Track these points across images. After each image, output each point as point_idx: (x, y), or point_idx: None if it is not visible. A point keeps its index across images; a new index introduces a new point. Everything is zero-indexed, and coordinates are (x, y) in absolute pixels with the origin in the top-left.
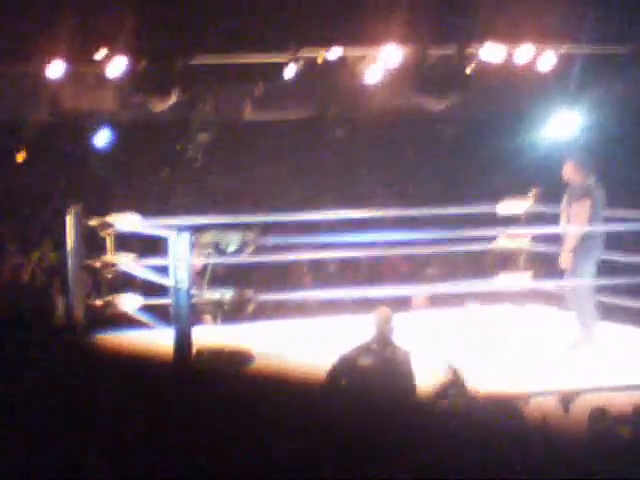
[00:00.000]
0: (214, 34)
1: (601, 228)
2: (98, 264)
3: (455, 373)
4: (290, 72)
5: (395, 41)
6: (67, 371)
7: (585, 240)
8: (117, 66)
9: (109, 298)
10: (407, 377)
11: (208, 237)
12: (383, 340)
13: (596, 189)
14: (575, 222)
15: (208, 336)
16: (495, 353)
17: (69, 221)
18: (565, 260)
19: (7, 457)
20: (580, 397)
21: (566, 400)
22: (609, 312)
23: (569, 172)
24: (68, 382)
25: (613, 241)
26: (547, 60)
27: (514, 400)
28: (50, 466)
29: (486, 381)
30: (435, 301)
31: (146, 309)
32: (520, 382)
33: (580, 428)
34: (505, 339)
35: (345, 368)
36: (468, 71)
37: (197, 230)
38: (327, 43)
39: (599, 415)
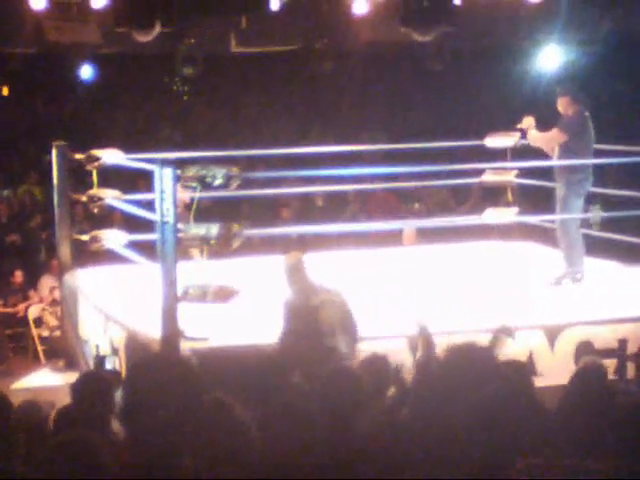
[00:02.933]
0: None
1: (590, 161)
2: (84, 198)
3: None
4: (276, 3)
5: None
6: None
7: (574, 174)
8: None
9: (94, 233)
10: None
11: (193, 171)
12: (302, 289)
13: (588, 124)
14: (544, 136)
15: (194, 272)
16: (481, 289)
17: (54, 155)
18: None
19: None
20: (565, 331)
21: (551, 334)
22: (595, 247)
23: (564, 105)
24: None
25: (601, 175)
26: None
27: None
28: None
29: (470, 317)
30: (424, 236)
31: (132, 245)
32: (505, 317)
33: (567, 362)
34: (491, 275)
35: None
36: (456, 2)
37: (182, 164)
38: None
39: (585, 349)
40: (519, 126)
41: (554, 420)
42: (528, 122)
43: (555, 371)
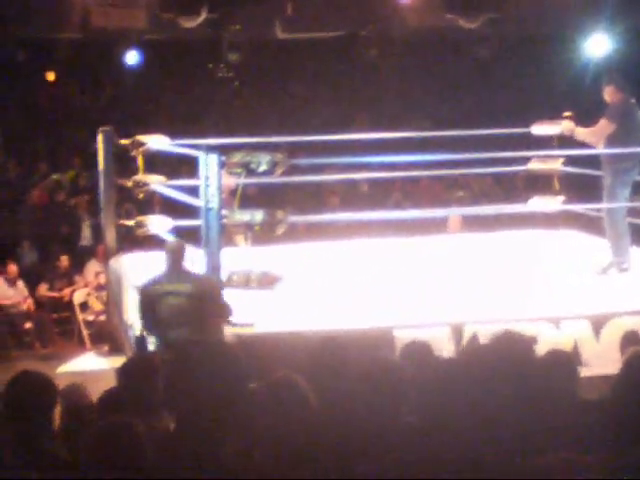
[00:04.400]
0: None
1: (637, 150)
2: (129, 183)
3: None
4: None
5: None
6: None
7: (621, 162)
8: None
9: (140, 219)
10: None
11: (238, 157)
12: (179, 276)
13: (634, 112)
14: (591, 131)
15: (238, 258)
16: (526, 277)
17: (100, 140)
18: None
19: None
20: (611, 321)
21: (597, 324)
22: None
23: (609, 94)
24: None
25: None
26: None
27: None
28: None
29: (514, 306)
30: (470, 224)
31: (176, 231)
32: (551, 307)
33: (613, 351)
34: (536, 263)
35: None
36: None
37: (227, 150)
38: None
39: (631, 339)
40: (565, 114)
41: (597, 412)
42: (567, 127)
43: (600, 361)
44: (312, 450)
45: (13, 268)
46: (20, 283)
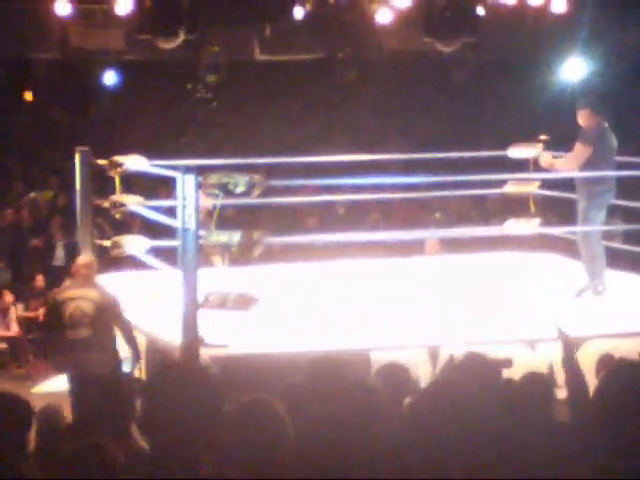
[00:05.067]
0: None
1: (611, 174)
2: (106, 204)
3: None
4: (300, 12)
5: None
6: None
7: (595, 185)
8: (125, 4)
9: (116, 239)
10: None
11: (215, 178)
12: (89, 285)
13: (608, 135)
14: (569, 158)
15: (215, 279)
16: (502, 300)
17: (77, 160)
18: (544, 159)
19: None
20: (586, 344)
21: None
22: (618, 259)
23: (585, 117)
24: None
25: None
26: (559, 3)
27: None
28: None
29: (489, 328)
30: (447, 246)
31: (153, 251)
32: (526, 329)
33: (588, 374)
34: (512, 286)
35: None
36: (479, 13)
37: (204, 171)
38: None
39: (607, 362)
40: (541, 137)
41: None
42: (546, 160)
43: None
44: (288, 472)
45: (8, 298)
46: (12, 311)
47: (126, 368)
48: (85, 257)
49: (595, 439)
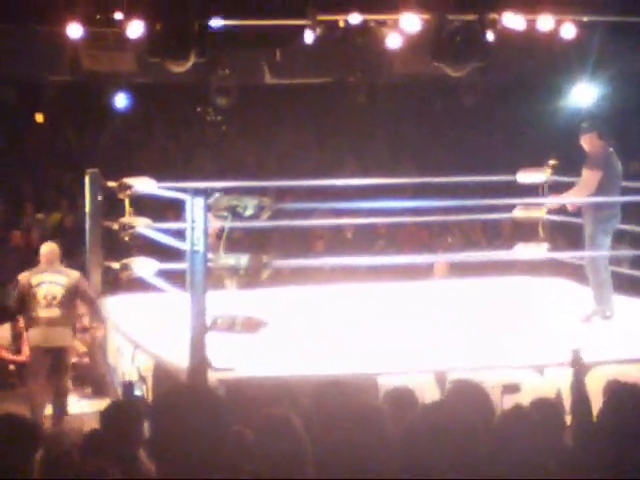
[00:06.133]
0: None
1: (617, 199)
2: (116, 226)
3: None
4: (309, 37)
5: (415, 7)
6: None
7: (601, 211)
8: (136, 27)
9: (125, 261)
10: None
11: (224, 201)
12: (55, 270)
13: (614, 160)
14: (581, 187)
15: (223, 301)
16: (510, 325)
17: (87, 183)
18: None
19: None
20: (594, 369)
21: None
22: (625, 284)
23: (588, 143)
24: None
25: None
26: (569, 29)
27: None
28: None
29: (497, 353)
30: (455, 270)
31: (162, 274)
32: (535, 354)
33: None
34: (520, 310)
35: None
36: (489, 38)
37: (213, 194)
38: (346, 9)
39: (614, 387)
40: (551, 162)
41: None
42: (555, 205)
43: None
44: None
45: (22, 324)
46: (25, 336)
47: (138, 391)
48: (48, 245)
49: (598, 462)
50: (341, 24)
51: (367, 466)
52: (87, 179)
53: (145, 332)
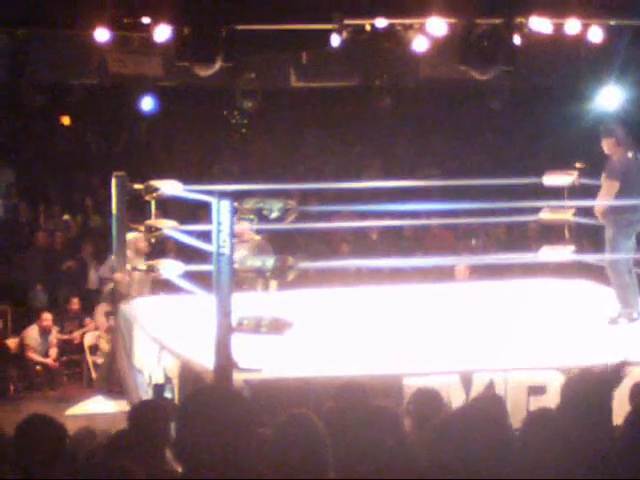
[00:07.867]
0: (259, 0)
1: (638, 202)
2: (142, 228)
3: None
4: (336, 40)
5: (442, 11)
6: None
7: (623, 214)
8: (163, 31)
9: (151, 263)
10: None
11: (250, 203)
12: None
13: (632, 166)
14: (601, 197)
15: (249, 303)
16: (535, 327)
17: (114, 185)
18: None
19: None
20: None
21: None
22: None
23: (609, 146)
24: None
25: None
26: (596, 32)
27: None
28: None
29: (524, 355)
30: (477, 272)
31: (187, 275)
32: (561, 356)
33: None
34: (545, 313)
35: None
36: (516, 42)
37: (239, 196)
38: (372, 13)
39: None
40: (577, 165)
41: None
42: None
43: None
44: None
45: (47, 317)
46: (53, 336)
47: (168, 393)
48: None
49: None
50: (367, 28)
51: (389, 468)
52: (114, 181)
53: (171, 333)
